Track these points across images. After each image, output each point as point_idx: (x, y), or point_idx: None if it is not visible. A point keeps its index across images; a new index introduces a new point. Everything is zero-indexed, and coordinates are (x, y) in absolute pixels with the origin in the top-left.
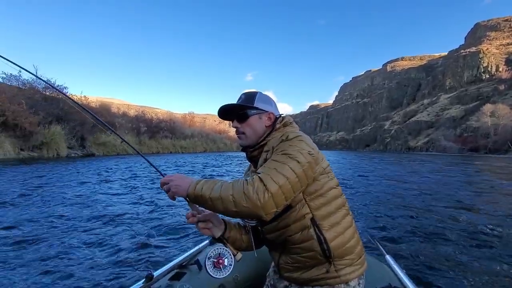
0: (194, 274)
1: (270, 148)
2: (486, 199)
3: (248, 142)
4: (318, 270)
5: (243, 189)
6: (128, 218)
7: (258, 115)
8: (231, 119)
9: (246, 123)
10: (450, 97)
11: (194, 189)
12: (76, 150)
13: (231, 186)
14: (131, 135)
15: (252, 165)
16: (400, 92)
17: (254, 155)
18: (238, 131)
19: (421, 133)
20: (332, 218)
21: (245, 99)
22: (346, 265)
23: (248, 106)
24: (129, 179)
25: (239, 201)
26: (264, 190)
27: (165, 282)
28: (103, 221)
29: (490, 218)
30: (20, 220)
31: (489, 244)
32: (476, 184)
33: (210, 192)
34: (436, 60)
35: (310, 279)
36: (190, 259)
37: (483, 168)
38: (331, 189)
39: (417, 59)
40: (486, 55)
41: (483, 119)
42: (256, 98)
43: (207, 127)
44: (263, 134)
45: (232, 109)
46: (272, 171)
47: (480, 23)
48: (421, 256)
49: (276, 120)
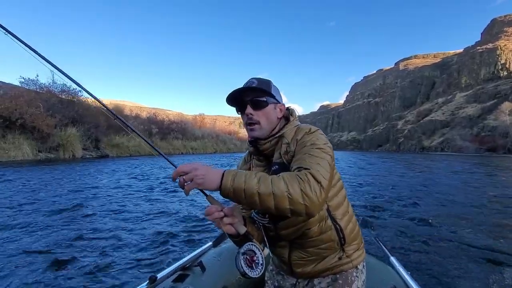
0: (198, 276)
1: (290, 139)
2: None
3: (260, 134)
4: (331, 259)
5: (299, 185)
6: (131, 219)
7: (274, 105)
8: (242, 106)
9: (263, 111)
10: (466, 96)
11: (233, 181)
12: (91, 152)
13: (284, 182)
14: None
15: (255, 158)
16: (414, 91)
17: (266, 147)
18: (252, 120)
19: (435, 132)
20: (342, 208)
21: (260, 84)
22: (355, 249)
23: (267, 92)
24: (134, 180)
25: (296, 199)
26: (320, 187)
27: (169, 284)
28: (106, 223)
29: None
30: (24, 219)
31: (499, 248)
32: (496, 188)
33: (258, 186)
34: (451, 57)
35: (325, 269)
36: (193, 261)
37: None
38: (338, 180)
39: (430, 56)
40: (503, 52)
41: (501, 117)
42: (272, 86)
43: (217, 128)
44: (275, 126)
45: (248, 92)
46: (317, 166)
47: (497, 18)
48: (427, 258)
49: (288, 112)
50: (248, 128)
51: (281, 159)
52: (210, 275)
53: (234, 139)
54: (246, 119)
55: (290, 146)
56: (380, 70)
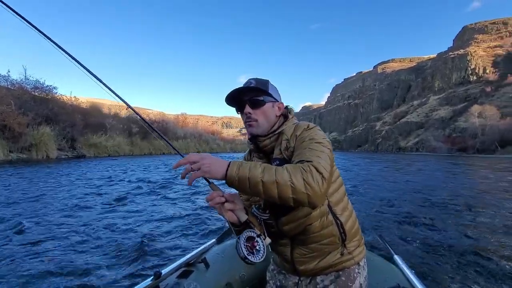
0: (202, 272)
1: (289, 136)
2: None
3: (259, 131)
4: (333, 255)
5: (302, 175)
6: (135, 216)
7: (272, 103)
8: (241, 105)
9: (261, 110)
10: (439, 98)
11: (239, 169)
12: (66, 152)
13: (287, 171)
14: (122, 136)
15: (256, 156)
16: (391, 94)
17: (265, 144)
18: (250, 118)
19: (411, 133)
20: (342, 204)
21: (258, 84)
22: (356, 246)
23: (265, 91)
24: (132, 178)
25: (299, 188)
26: (322, 178)
27: (173, 280)
28: (110, 221)
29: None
30: (31, 220)
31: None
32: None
33: (262, 175)
34: (425, 62)
35: (327, 266)
36: (197, 257)
37: (487, 168)
38: (338, 176)
39: (407, 61)
40: (473, 57)
41: (471, 119)
42: (269, 85)
43: (200, 128)
44: (274, 124)
45: (246, 92)
46: (318, 158)
47: (468, 26)
48: (431, 257)
49: (287, 111)
50: (247, 125)
51: (281, 155)
52: (214, 271)
53: (217, 139)
54: (245, 118)
55: (290, 142)
56: (360, 73)
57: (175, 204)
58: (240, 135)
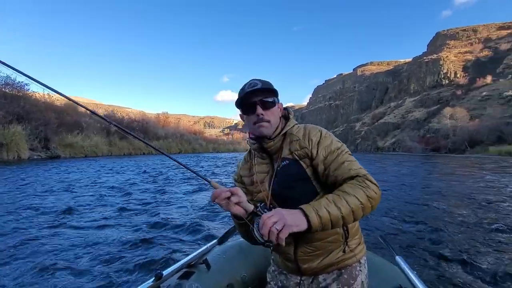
0: (203, 273)
1: (301, 136)
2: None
3: (270, 132)
4: (336, 253)
5: (364, 192)
6: (137, 218)
7: (277, 104)
8: (251, 106)
9: (271, 111)
10: (414, 101)
11: (319, 217)
12: (39, 152)
13: (353, 196)
14: (100, 136)
15: (258, 156)
16: (369, 95)
17: (270, 145)
18: (263, 119)
19: (388, 134)
20: None
21: (265, 85)
22: (357, 244)
23: (274, 92)
24: (130, 179)
25: (367, 205)
26: (375, 185)
27: (174, 281)
28: (112, 222)
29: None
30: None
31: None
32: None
33: (340, 210)
34: (401, 65)
35: (330, 264)
36: (198, 258)
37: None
38: None
39: (384, 64)
40: (445, 62)
41: (443, 121)
42: (274, 87)
43: (182, 127)
44: (277, 125)
45: (256, 93)
46: (360, 169)
47: (440, 32)
48: (433, 257)
49: (286, 112)
50: (257, 126)
51: (291, 155)
52: (215, 272)
53: (199, 139)
54: (256, 119)
55: (303, 143)
56: (340, 75)
57: (174, 205)
58: (222, 135)
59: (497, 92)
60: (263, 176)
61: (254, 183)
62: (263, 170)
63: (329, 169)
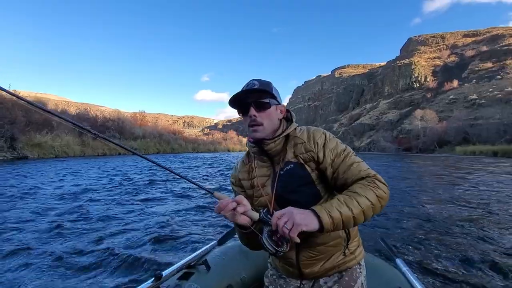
0: (202, 274)
1: (305, 139)
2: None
3: (263, 135)
4: (337, 256)
5: (374, 192)
6: (136, 218)
7: (276, 106)
8: (245, 107)
9: (266, 112)
10: (388, 103)
11: (331, 217)
12: (5, 153)
13: (364, 196)
14: (72, 135)
15: (258, 159)
16: (347, 97)
17: (271, 147)
18: (256, 122)
19: (364, 134)
20: None
21: (262, 86)
22: (356, 246)
23: (270, 93)
24: (126, 179)
25: (377, 205)
26: (384, 184)
27: (174, 282)
28: (111, 222)
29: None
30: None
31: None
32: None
33: (351, 211)
34: (376, 69)
35: (331, 267)
36: (198, 259)
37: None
38: None
39: (360, 67)
40: (417, 67)
41: (414, 122)
42: (273, 87)
43: (160, 127)
44: (277, 127)
45: (250, 94)
46: (369, 170)
47: (412, 38)
48: (433, 260)
49: (289, 114)
50: (251, 130)
51: (295, 158)
52: (215, 273)
53: (178, 139)
54: (250, 121)
55: (308, 146)
56: (319, 76)
57: (174, 204)
58: (202, 135)
59: (463, 95)
60: (264, 180)
61: (255, 187)
62: (264, 174)
63: (338, 172)
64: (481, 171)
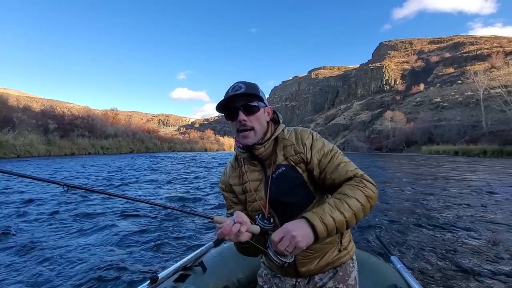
0: (199, 276)
1: (294, 141)
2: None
3: (255, 140)
4: (332, 253)
5: (362, 192)
6: (132, 220)
7: (263, 108)
8: (233, 112)
9: (255, 116)
10: (361, 104)
11: (324, 225)
12: None
13: (354, 198)
14: (36, 133)
15: (248, 164)
16: (322, 98)
17: (261, 152)
18: (246, 126)
19: (339, 134)
20: None
21: (250, 89)
22: (348, 241)
23: (258, 96)
24: (123, 179)
25: (367, 205)
26: (372, 183)
27: (170, 284)
28: (107, 224)
29: None
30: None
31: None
32: None
33: (343, 215)
34: (350, 71)
35: (326, 264)
36: (194, 260)
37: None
38: None
39: (335, 69)
40: (387, 70)
41: (385, 123)
42: (260, 90)
43: (134, 125)
44: (266, 130)
45: (239, 98)
46: (356, 169)
47: (383, 42)
48: (428, 257)
49: (276, 115)
50: (241, 135)
51: (286, 161)
52: (211, 275)
53: (153, 138)
54: (239, 126)
55: (298, 148)
56: (296, 77)
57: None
58: (178, 134)
59: (428, 98)
60: (257, 184)
61: (248, 192)
62: (256, 178)
63: (325, 172)
64: (448, 168)
